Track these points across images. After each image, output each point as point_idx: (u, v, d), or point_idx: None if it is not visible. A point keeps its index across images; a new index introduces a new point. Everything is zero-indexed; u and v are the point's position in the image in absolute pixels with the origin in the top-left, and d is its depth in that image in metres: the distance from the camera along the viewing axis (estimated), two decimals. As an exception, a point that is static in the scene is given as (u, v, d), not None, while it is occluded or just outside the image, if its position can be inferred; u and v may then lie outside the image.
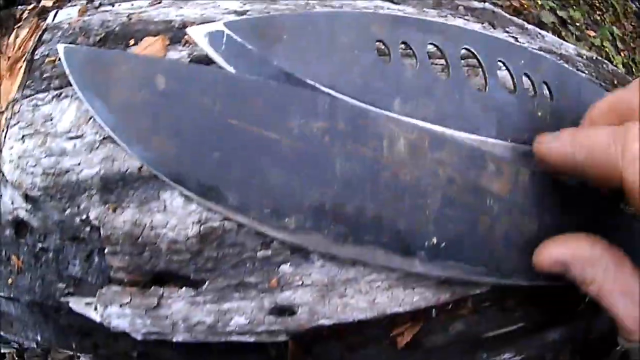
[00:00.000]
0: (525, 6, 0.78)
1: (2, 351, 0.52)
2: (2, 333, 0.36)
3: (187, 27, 0.30)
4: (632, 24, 0.95)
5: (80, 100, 0.29)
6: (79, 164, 0.28)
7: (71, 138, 0.28)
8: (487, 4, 0.35)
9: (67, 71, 0.26)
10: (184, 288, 0.26)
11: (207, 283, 0.25)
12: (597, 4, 0.92)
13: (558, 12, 0.83)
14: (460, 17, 0.34)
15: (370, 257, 0.24)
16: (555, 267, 0.24)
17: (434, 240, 0.24)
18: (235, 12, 0.30)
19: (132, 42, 0.30)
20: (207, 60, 0.28)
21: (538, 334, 0.31)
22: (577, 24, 0.85)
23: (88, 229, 0.27)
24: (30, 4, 0.46)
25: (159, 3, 0.32)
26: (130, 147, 0.25)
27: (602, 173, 0.22)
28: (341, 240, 0.24)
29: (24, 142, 0.30)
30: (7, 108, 0.32)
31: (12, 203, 0.30)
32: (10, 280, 0.32)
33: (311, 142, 0.24)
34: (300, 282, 0.25)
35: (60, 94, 0.30)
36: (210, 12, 0.31)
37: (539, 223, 0.26)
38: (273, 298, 0.25)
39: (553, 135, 0.24)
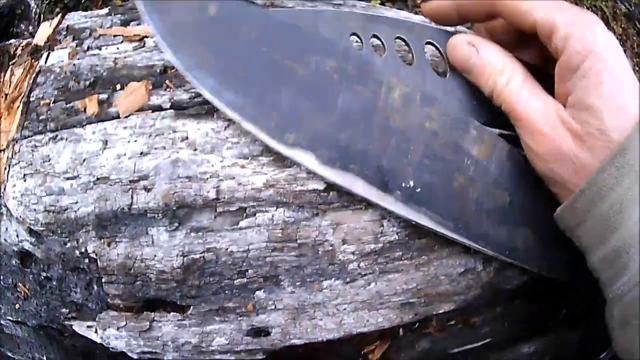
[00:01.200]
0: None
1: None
2: (9, 354, 0.40)
3: (167, 71, 0.33)
4: (622, 26, 0.94)
5: (74, 143, 0.32)
6: (76, 203, 0.31)
7: (68, 178, 0.32)
8: (459, 27, 0.37)
9: None
10: (171, 313, 0.29)
11: (191, 308, 0.29)
12: (586, 7, 0.92)
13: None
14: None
15: (351, 185, 0.27)
16: (466, 49, 0.28)
17: (411, 183, 0.27)
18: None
19: (118, 86, 0.33)
20: (187, 104, 0.31)
21: (510, 348, 0.34)
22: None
23: (87, 260, 0.31)
24: (23, 37, 0.49)
25: (142, 47, 0.35)
26: (175, 55, 0.28)
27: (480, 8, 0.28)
28: (329, 164, 0.27)
29: (25, 180, 0.33)
30: (7, 147, 0.36)
31: (18, 236, 0.34)
32: (17, 306, 0.35)
33: (322, 76, 0.28)
34: (273, 307, 0.28)
35: (56, 136, 0.33)
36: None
37: (511, 198, 0.28)
38: (250, 321, 0.28)
39: None
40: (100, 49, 0.36)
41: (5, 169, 0.35)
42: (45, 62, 0.37)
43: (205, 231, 0.28)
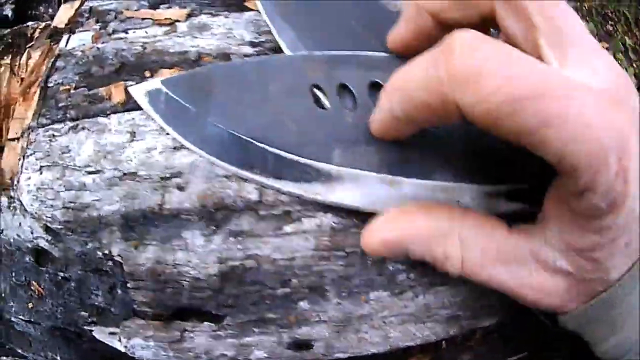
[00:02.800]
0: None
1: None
2: (19, 351, 0.37)
3: (202, 59, 0.31)
4: (645, 33, 0.92)
5: (97, 133, 0.30)
6: (99, 200, 0.28)
7: (90, 172, 0.29)
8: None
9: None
10: (205, 323, 0.27)
11: (228, 318, 0.27)
12: (610, 14, 0.90)
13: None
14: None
15: None
16: (390, 250, 0.21)
17: None
18: (251, 43, 0.30)
19: (147, 74, 0.31)
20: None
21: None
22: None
23: (111, 263, 0.28)
24: (42, 20, 0.45)
25: (174, 32, 0.32)
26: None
27: (434, 113, 0.17)
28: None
29: (41, 173, 0.30)
30: (22, 135, 0.33)
31: (32, 232, 0.31)
32: (30, 305, 0.33)
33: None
34: (317, 318, 0.26)
35: (77, 125, 0.30)
36: (224, 44, 0.31)
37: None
38: (292, 333, 0.26)
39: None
40: (127, 33, 0.33)
41: (19, 159, 0.32)
42: (66, 45, 0.34)
43: (245, 236, 0.26)
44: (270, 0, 0.29)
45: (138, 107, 0.29)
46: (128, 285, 0.28)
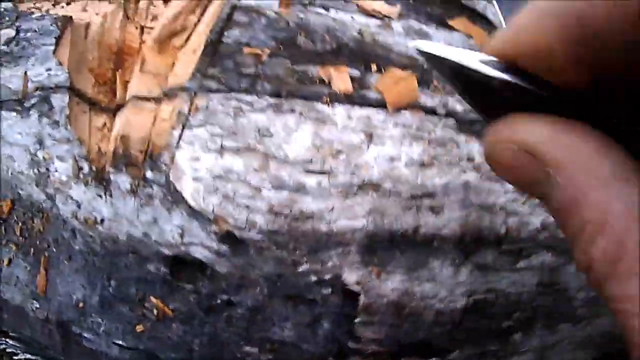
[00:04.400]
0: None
1: None
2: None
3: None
4: None
5: (316, 122, 0.23)
6: (331, 210, 0.22)
7: (312, 172, 0.22)
8: None
9: None
10: (433, 358, 0.25)
11: (454, 353, 0.25)
12: None
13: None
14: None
15: None
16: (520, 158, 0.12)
17: None
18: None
19: (373, 67, 0.25)
20: (463, 116, 0.26)
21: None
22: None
23: (328, 290, 0.23)
24: None
25: (390, 28, 0.27)
26: None
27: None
28: None
29: (222, 156, 0.22)
30: (173, 96, 0.22)
31: (183, 235, 0.22)
32: (139, 327, 0.23)
33: None
34: (525, 349, 0.27)
35: (281, 104, 0.23)
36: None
37: None
38: (505, 364, 0.27)
39: None
40: (328, 10, 0.26)
41: (173, 128, 0.22)
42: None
43: (489, 269, 0.25)
44: None
45: (368, 103, 0.24)
46: (356, 320, 0.23)
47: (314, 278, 0.22)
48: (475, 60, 0.13)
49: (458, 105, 0.26)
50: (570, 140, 0.12)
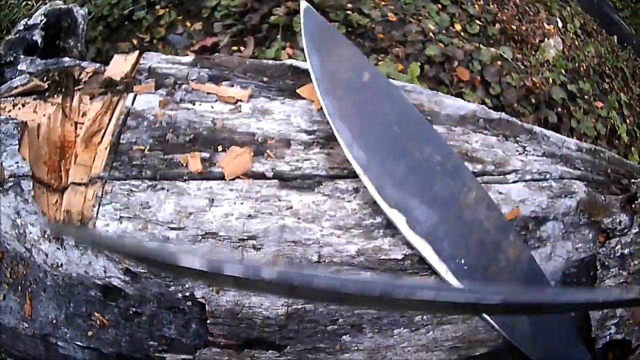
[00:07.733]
0: (537, 84, 0.82)
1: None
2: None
3: (267, 141, 0.38)
4: (640, 86, 1.01)
5: (177, 195, 0.36)
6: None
7: (173, 228, 0.35)
8: (502, 114, 0.43)
9: (302, 28, 0.39)
10: (270, 351, 0.35)
11: (288, 347, 0.35)
12: (607, 71, 0.94)
13: (568, 86, 0.87)
14: (479, 132, 0.43)
15: (422, 248, 0.35)
16: None
17: (462, 261, 0.36)
18: (306, 131, 0.39)
19: (220, 148, 0.37)
20: (288, 176, 0.37)
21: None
22: (586, 97, 0.89)
23: (189, 303, 0.35)
24: (71, 54, 0.48)
25: (239, 112, 0.39)
26: (323, 98, 0.37)
27: None
28: (413, 229, 0.35)
29: (121, 223, 0.36)
30: (92, 183, 0.37)
31: (105, 272, 0.36)
32: (90, 333, 0.38)
33: (429, 163, 0.37)
34: (355, 348, 0.36)
35: (155, 185, 0.36)
36: (285, 129, 0.39)
37: None
38: (336, 358, 0.36)
39: None
40: (194, 104, 0.39)
41: (93, 206, 0.36)
42: (132, 104, 0.39)
43: (307, 287, 0.35)
44: (333, 101, 0.38)
45: (213, 177, 0.36)
46: (208, 321, 0.35)
47: (180, 295, 0.35)
48: None
49: (285, 166, 0.37)
50: None
